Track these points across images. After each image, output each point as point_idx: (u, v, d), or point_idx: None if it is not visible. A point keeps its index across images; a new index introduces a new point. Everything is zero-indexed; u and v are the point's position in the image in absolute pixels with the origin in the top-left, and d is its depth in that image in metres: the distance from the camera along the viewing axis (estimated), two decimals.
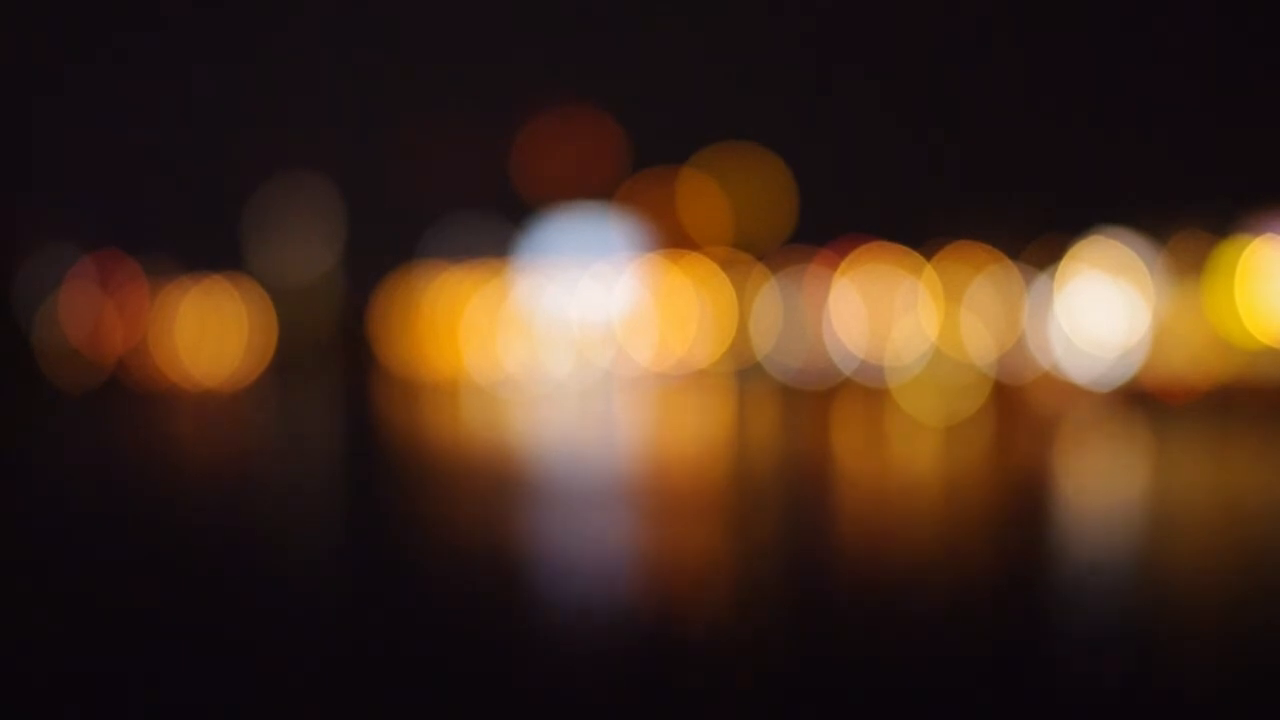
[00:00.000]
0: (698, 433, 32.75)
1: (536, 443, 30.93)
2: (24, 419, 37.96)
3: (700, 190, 64.72)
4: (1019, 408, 41.30)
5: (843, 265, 54.91)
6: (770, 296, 57.15)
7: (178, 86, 76.48)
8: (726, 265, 60.02)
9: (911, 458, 26.00)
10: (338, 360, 67.77)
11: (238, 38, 72.65)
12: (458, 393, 54.33)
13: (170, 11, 73.00)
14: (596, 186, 66.17)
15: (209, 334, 69.41)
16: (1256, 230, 42.44)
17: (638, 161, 66.43)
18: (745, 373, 55.80)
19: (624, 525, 15.03)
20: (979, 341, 48.25)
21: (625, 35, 74.45)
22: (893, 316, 52.10)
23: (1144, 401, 39.83)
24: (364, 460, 25.26)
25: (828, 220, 57.88)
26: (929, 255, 51.85)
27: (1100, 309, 43.71)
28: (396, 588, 11.04)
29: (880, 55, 67.21)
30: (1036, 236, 48.25)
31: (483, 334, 64.71)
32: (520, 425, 34.88)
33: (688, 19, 73.08)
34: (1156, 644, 9.09)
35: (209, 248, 71.79)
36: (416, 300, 66.95)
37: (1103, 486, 20.48)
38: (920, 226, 53.26)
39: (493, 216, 68.14)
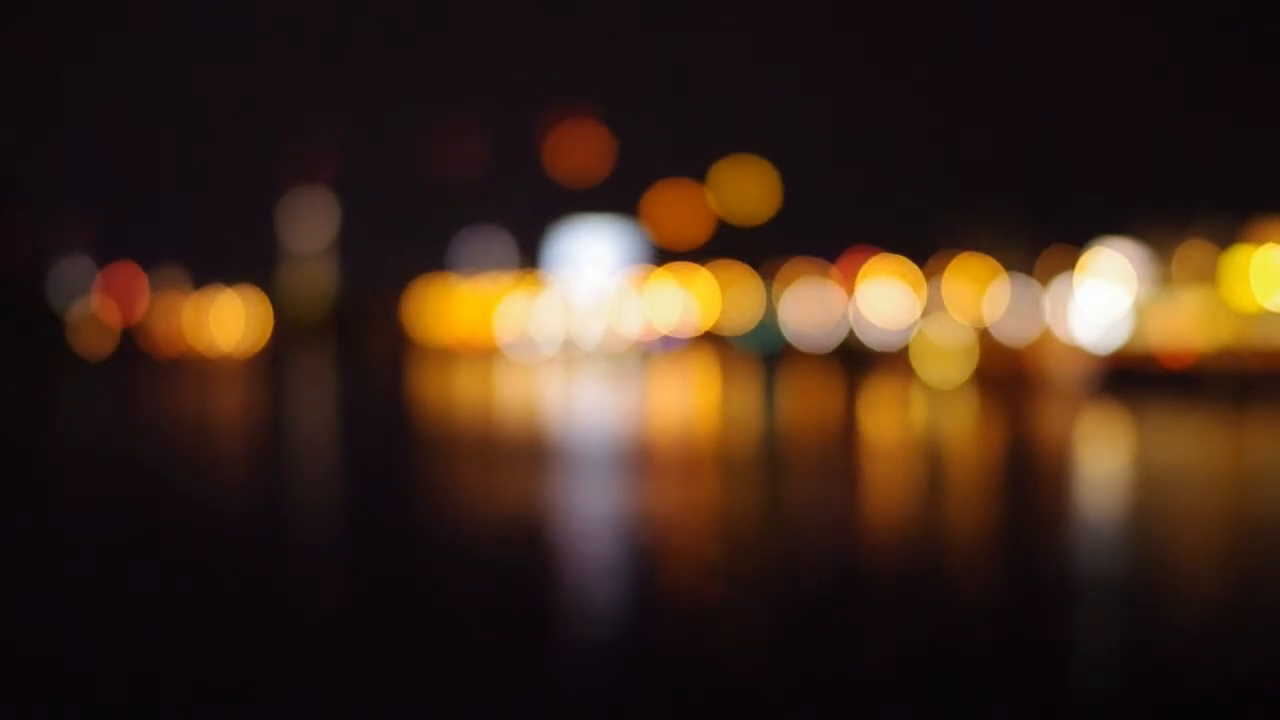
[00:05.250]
0: (712, 402, 33.08)
1: (556, 410, 31.28)
2: (59, 389, 38.63)
3: (707, 202, 65.26)
4: (1019, 373, 41.64)
5: (852, 277, 55.28)
6: (779, 304, 57.64)
7: (199, 103, 77.02)
8: (734, 274, 60.44)
9: (913, 421, 26.21)
10: (344, 348, 68.44)
11: (257, 54, 73.31)
12: (475, 364, 54.68)
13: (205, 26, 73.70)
14: (608, 199, 66.70)
15: (214, 327, 70.42)
16: (1260, 239, 42.55)
17: (649, 175, 66.91)
18: (745, 338, 56.69)
19: (627, 480, 15.19)
20: (982, 323, 48.50)
21: (636, 51, 74.87)
22: (899, 318, 52.50)
23: (1144, 367, 39.73)
24: (378, 427, 25.61)
25: (838, 233, 58.16)
26: (936, 268, 52.09)
27: (1102, 308, 43.80)
28: (421, 549, 11.17)
29: (893, 69, 67.61)
30: (1041, 249, 48.38)
31: (498, 325, 65.71)
32: (539, 395, 34.76)
33: (701, 37, 73.50)
34: (1149, 609, 9.07)
35: (219, 259, 72.37)
36: (438, 304, 67.85)
37: (1098, 449, 20.74)
38: (927, 240, 53.48)
39: (509, 227, 68.79)
